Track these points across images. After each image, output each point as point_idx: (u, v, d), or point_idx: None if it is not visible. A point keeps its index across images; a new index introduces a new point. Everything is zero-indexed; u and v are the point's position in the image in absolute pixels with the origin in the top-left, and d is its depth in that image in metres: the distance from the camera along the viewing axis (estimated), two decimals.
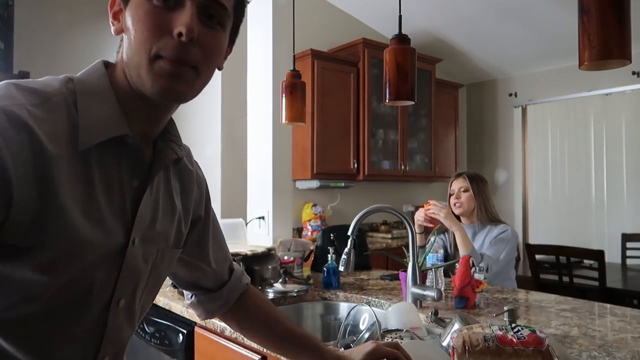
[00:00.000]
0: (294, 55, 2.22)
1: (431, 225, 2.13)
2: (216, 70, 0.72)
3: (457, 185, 2.22)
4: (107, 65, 0.71)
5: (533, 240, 4.71)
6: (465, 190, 2.20)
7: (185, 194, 0.83)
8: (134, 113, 0.69)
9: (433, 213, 2.06)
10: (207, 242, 0.90)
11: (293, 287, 1.75)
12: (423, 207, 2.13)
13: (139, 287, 0.73)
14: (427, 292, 1.49)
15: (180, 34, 0.63)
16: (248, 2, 0.75)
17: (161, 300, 1.70)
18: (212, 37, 0.67)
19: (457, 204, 2.20)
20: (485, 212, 2.18)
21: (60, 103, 0.63)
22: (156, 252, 0.75)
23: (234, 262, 0.99)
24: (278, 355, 1.19)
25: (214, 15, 0.67)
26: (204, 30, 0.65)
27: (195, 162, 0.89)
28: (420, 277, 1.58)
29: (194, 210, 0.86)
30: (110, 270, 0.67)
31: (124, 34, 0.68)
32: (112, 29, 0.70)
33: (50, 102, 0.62)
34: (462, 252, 1.98)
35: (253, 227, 2.55)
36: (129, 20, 0.65)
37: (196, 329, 1.55)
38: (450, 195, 2.25)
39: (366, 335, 1.19)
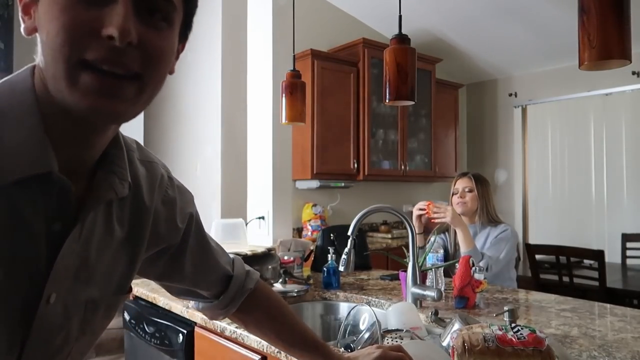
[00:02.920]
0: (294, 55, 2.22)
1: (427, 215, 2.11)
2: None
3: (462, 184, 2.22)
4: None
5: (533, 240, 4.71)
6: (470, 191, 2.19)
7: (139, 229, 0.68)
8: (61, 133, 0.54)
9: (435, 214, 2.05)
10: (182, 265, 0.80)
11: (293, 287, 1.75)
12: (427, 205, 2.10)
13: (63, 349, 0.60)
14: (427, 292, 1.49)
15: (111, 37, 0.48)
16: None
17: (161, 300, 1.70)
18: (156, 37, 0.53)
19: (460, 204, 2.20)
20: (487, 214, 2.18)
21: None
22: (84, 305, 0.61)
23: (238, 265, 0.91)
24: (278, 356, 1.19)
25: (157, 9, 0.53)
26: (145, 30, 0.51)
27: (168, 179, 0.76)
28: (420, 277, 1.58)
29: (160, 241, 0.75)
30: (12, 335, 0.53)
31: (37, 35, 0.53)
32: (22, 27, 0.54)
33: None
34: (463, 249, 1.98)
35: (253, 227, 2.55)
36: (41, 17, 0.51)
37: (196, 329, 1.55)
38: (454, 194, 2.24)
39: (366, 335, 1.19)
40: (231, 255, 0.93)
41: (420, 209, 2.11)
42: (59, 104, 0.52)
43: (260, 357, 1.29)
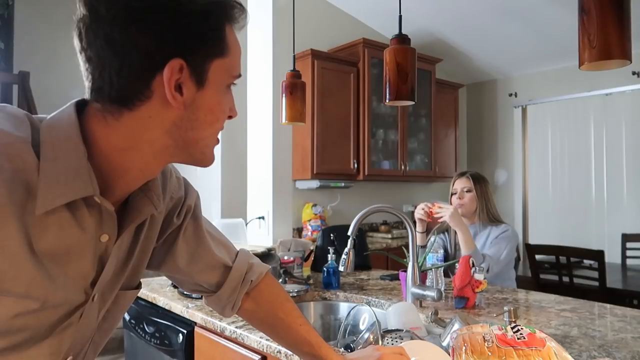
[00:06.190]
0: (294, 55, 2.22)
1: (429, 220, 2.12)
2: None
3: (460, 185, 2.21)
4: (81, 106, 0.62)
5: (533, 240, 4.71)
6: (469, 191, 2.18)
7: (152, 230, 0.77)
8: (116, 169, 0.62)
9: (437, 213, 2.05)
10: (174, 252, 0.84)
11: (293, 287, 1.75)
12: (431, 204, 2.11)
13: (91, 334, 0.71)
14: (427, 292, 1.49)
15: (231, 117, 0.69)
16: None
17: (161, 300, 1.70)
18: None
19: (459, 205, 2.19)
20: (487, 214, 2.17)
21: (21, 154, 0.55)
22: (111, 298, 0.72)
23: (241, 257, 0.92)
24: (278, 356, 1.19)
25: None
26: None
27: (176, 179, 0.83)
28: (420, 277, 1.58)
29: (161, 235, 0.81)
30: (62, 328, 0.64)
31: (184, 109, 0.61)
32: (173, 101, 0.59)
33: (11, 148, 0.55)
34: (464, 252, 1.97)
35: (253, 227, 2.55)
36: (205, 103, 0.63)
37: (196, 329, 1.55)
38: (453, 194, 2.24)
39: (366, 336, 1.19)
40: (239, 248, 0.95)
41: (423, 209, 2.10)
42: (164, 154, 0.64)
43: (260, 357, 1.29)
